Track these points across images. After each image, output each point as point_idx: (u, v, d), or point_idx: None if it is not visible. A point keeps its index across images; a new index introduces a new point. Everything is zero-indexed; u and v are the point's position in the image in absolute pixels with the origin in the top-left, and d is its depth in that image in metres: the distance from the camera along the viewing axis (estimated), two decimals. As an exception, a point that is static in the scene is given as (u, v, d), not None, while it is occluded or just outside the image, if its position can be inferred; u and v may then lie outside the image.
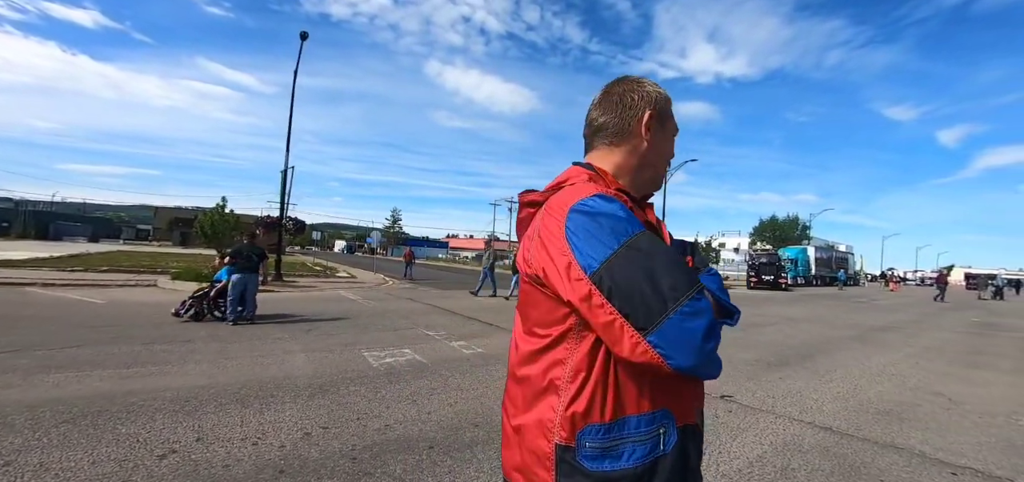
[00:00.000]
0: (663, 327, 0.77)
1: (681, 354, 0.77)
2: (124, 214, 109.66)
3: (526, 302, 0.96)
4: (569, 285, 0.83)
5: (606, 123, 1.04)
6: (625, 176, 1.03)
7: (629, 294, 0.79)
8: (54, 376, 4.55)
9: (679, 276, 0.81)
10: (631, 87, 1.05)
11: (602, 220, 0.84)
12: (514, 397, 0.96)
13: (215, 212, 15.14)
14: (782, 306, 17.19)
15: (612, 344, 0.81)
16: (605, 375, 0.85)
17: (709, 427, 4.01)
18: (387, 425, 3.68)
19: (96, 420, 3.51)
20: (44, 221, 55.30)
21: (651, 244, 0.84)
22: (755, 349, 7.88)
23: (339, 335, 7.37)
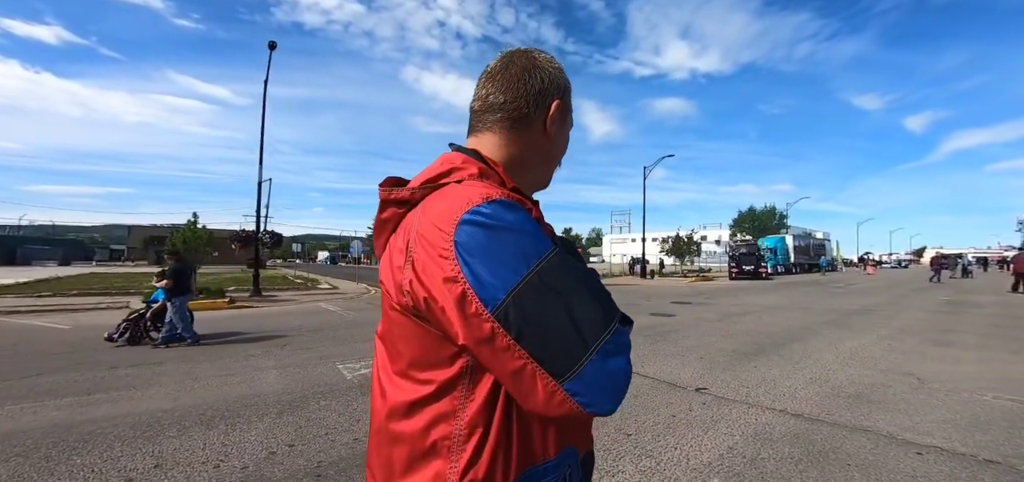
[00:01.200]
0: (583, 371, 0.63)
1: (604, 399, 0.65)
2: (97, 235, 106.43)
3: (398, 336, 0.75)
4: (463, 322, 0.64)
5: (504, 103, 0.84)
6: (519, 172, 0.85)
7: (544, 334, 0.63)
8: (8, 408, 4.35)
9: (599, 307, 0.67)
10: (537, 67, 0.86)
11: (505, 236, 0.65)
12: (386, 460, 0.76)
13: (187, 228, 14.76)
14: (761, 295, 17.49)
15: (522, 396, 0.66)
16: (507, 427, 0.70)
17: (684, 421, 4.03)
18: (356, 439, 3.61)
19: (50, 452, 3.36)
20: (10, 245, 53.40)
21: (566, 268, 0.68)
22: (733, 339, 7.98)
23: (315, 348, 7.23)
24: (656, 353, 6.80)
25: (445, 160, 0.81)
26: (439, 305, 0.66)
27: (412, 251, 0.70)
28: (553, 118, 0.85)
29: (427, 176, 0.79)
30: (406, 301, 0.71)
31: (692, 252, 38.85)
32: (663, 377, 5.47)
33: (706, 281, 28.59)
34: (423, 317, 0.70)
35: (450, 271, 0.65)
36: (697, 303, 14.61)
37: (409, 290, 0.70)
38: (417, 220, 0.72)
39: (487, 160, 0.81)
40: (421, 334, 0.71)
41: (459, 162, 0.79)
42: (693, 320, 10.57)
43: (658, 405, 4.45)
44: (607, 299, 0.70)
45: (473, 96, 0.89)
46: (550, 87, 0.85)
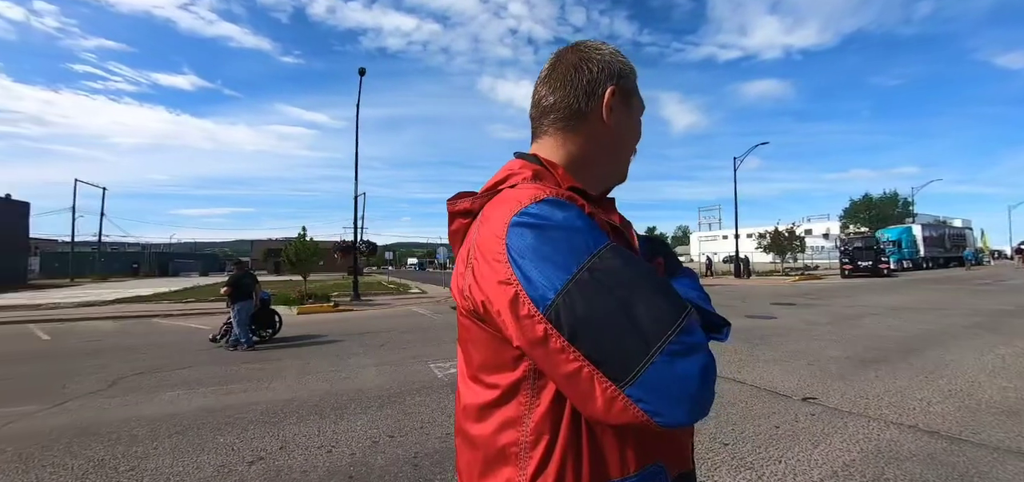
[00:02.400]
0: (646, 375, 0.58)
1: (673, 407, 0.58)
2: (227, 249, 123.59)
3: (467, 340, 0.76)
4: (517, 324, 0.62)
5: (556, 103, 0.81)
6: (580, 170, 0.81)
7: (599, 334, 0.59)
8: (169, 394, 5.23)
9: (662, 302, 0.61)
10: (587, 56, 0.81)
11: (554, 234, 0.63)
12: (466, 462, 0.75)
13: (298, 241, 16.56)
14: (882, 294, 15.39)
15: (580, 402, 0.62)
16: (576, 435, 0.66)
17: (789, 432, 3.71)
18: (448, 433, 3.81)
19: (200, 431, 3.99)
20: (164, 260, 63.69)
21: (622, 261, 0.63)
22: (846, 344, 7.13)
23: (408, 349, 7.73)
24: (754, 358, 6.31)
25: (505, 168, 0.81)
26: (495, 308, 0.65)
27: (472, 258, 0.70)
28: (609, 106, 0.80)
29: (487, 185, 0.79)
30: (469, 306, 0.71)
31: (794, 248, 35.06)
32: (763, 384, 5.06)
33: (812, 279, 25.80)
34: (483, 320, 0.69)
35: (503, 274, 0.64)
36: (802, 304, 13.26)
37: (470, 295, 0.70)
38: (475, 228, 0.74)
39: (545, 162, 0.80)
40: (486, 338, 0.71)
41: (516, 168, 0.79)
42: (798, 323, 9.62)
43: (758, 414, 4.13)
44: (672, 293, 0.64)
45: (531, 103, 0.87)
46: (601, 75, 0.80)
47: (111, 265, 51.08)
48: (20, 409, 4.74)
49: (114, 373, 6.34)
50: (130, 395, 5.23)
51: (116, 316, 13.83)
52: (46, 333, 10.77)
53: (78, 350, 8.53)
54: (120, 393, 5.34)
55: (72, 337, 10.23)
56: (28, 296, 21.72)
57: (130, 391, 5.40)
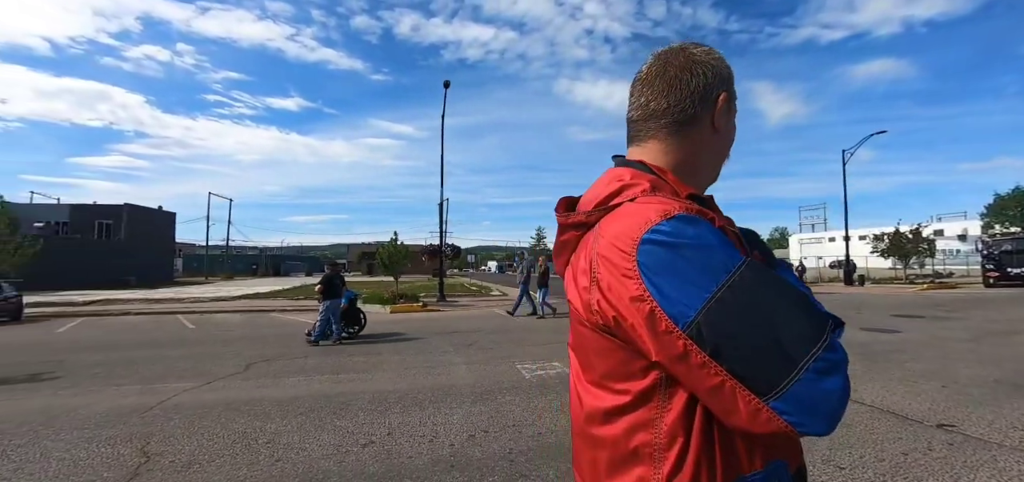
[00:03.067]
0: (792, 390, 0.61)
1: (816, 420, 0.61)
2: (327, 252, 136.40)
3: (589, 349, 0.77)
4: (655, 340, 0.64)
5: (668, 107, 0.80)
6: (689, 174, 0.81)
7: (742, 351, 0.62)
8: (292, 379, 5.94)
9: (805, 321, 0.63)
10: (697, 62, 0.81)
11: (689, 254, 0.65)
12: (591, 462, 0.79)
13: (390, 245, 17.82)
14: (1043, 310, 12.91)
15: (722, 413, 0.65)
16: (709, 436, 0.69)
17: (920, 462, 3.31)
18: (540, 433, 3.91)
19: (321, 414, 4.49)
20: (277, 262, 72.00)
21: (760, 279, 0.65)
22: (993, 365, 6.12)
23: (494, 349, 8.00)
24: (872, 376, 5.66)
25: (613, 177, 0.80)
26: (628, 323, 0.67)
27: (595, 272, 0.71)
28: (721, 111, 0.81)
29: (599, 197, 0.79)
30: (596, 319, 0.72)
31: (921, 251, 30.32)
32: (886, 406, 4.54)
33: (944, 288, 22.33)
34: (614, 334, 0.71)
35: (636, 291, 0.65)
36: (932, 317, 11.56)
37: (598, 309, 0.71)
38: (595, 241, 0.73)
39: (655, 169, 0.80)
40: (613, 348, 0.72)
41: (628, 178, 0.77)
42: (927, 338, 8.43)
43: (881, 439, 3.72)
44: (813, 309, 0.65)
45: (629, 106, 0.85)
46: (714, 81, 0.81)
47: (235, 265, 58.77)
48: (183, 385, 5.68)
49: (246, 359, 7.32)
50: (261, 379, 6.02)
51: (242, 310, 15.89)
52: (191, 323, 12.68)
53: (216, 338, 9.96)
54: (253, 376, 6.16)
55: (211, 326, 11.94)
56: (174, 291, 25.71)
57: (260, 376, 6.21)
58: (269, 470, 3.29)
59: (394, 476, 3.17)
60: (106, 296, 20.73)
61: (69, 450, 3.67)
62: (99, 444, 3.79)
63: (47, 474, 3.26)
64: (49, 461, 3.47)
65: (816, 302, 0.70)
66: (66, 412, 4.64)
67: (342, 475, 3.20)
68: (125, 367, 6.81)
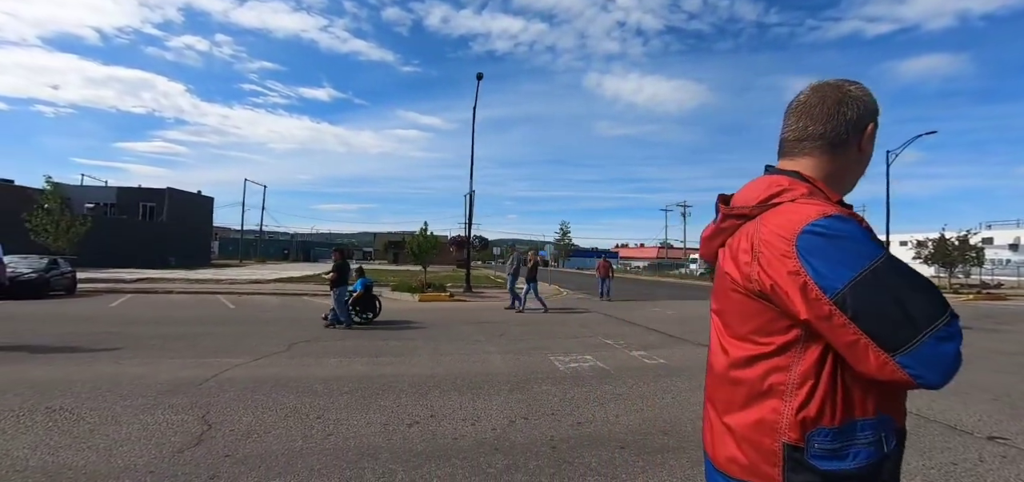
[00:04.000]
0: (915, 350, 0.79)
1: (932, 374, 0.80)
2: (354, 240, 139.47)
3: (738, 312, 0.98)
4: (806, 304, 0.84)
5: (824, 133, 1.00)
6: (837, 185, 1.01)
7: (878, 317, 0.80)
8: (333, 360, 6.17)
9: (932, 301, 0.82)
10: (851, 98, 1.00)
11: (841, 243, 0.84)
12: (727, 397, 0.99)
13: (421, 235, 18.12)
14: (1103, 326, 12.16)
15: (855, 361, 0.84)
16: (833, 382, 0.88)
17: (970, 472, 3.24)
18: (578, 422, 3.98)
19: (365, 393, 4.67)
20: (307, 248, 74.12)
21: (896, 267, 0.84)
22: (1051, 381, 5.85)
23: (526, 340, 8.09)
24: (919, 384, 5.49)
25: (773, 182, 0.99)
26: (783, 290, 0.87)
27: (758, 252, 0.91)
28: (868, 139, 1.02)
29: (760, 197, 0.98)
30: (754, 287, 0.92)
31: (969, 259, 28.77)
32: (932, 415, 4.42)
33: (994, 300, 21.25)
34: (768, 299, 0.91)
35: (793, 267, 0.85)
36: (980, 328, 11.06)
37: (757, 279, 0.91)
38: (758, 229, 0.93)
39: (809, 179, 0.98)
40: (763, 310, 0.93)
41: (787, 184, 0.97)
42: (976, 350, 8.08)
43: (928, 447, 3.64)
44: (937, 294, 0.83)
45: (785, 127, 1.06)
46: (864, 114, 1.00)
47: (268, 250, 60.69)
48: (233, 360, 5.98)
49: (288, 338, 7.63)
50: (304, 358, 6.28)
51: (278, 293, 16.47)
52: (231, 303, 13.23)
53: (256, 318, 10.38)
54: (297, 356, 6.43)
55: (249, 307, 12.44)
56: (213, 273, 26.80)
57: (303, 355, 6.47)
58: (323, 443, 3.46)
59: (441, 455, 3.29)
60: (150, 275, 21.80)
61: (137, 415, 3.94)
62: (164, 411, 4.05)
63: (120, 436, 3.51)
64: (120, 425, 3.73)
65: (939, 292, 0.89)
66: (131, 380, 4.96)
67: (392, 451, 3.34)
68: (177, 341, 7.20)
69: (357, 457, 3.23)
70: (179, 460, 3.13)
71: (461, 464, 3.15)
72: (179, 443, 3.40)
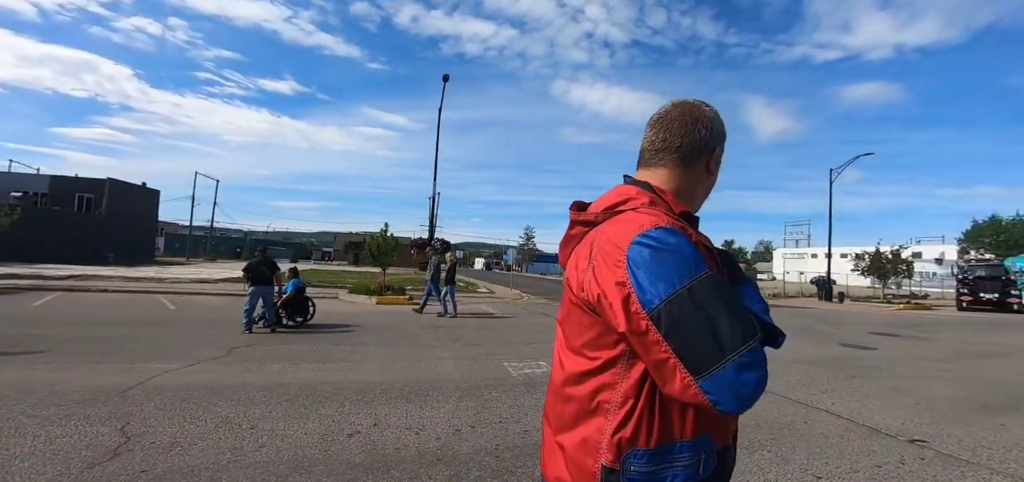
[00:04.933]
0: (717, 375, 0.77)
1: (730, 401, 0.78)
2: (313, 239, 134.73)
3: (575, 323, 0.97)
4: (625, 317, 0.82)
5: (679, 146, 1.02)
6: (686, 199, 1.03)
7: (687, 337, 0.78)
8: (276, 366, 5.87)
9: (739, 325, 0.80)
10: (706, 116, 1.04)
11: (666, 256, 0.82)
12: (560, 414, 0.98)
13: (380, 236, 17.67)
14: (1012, 333, 13.34)
15: (661, 382, 0.82)
16: (651, 404, 0.86)
17: (892, 475, 3.42)
18: (526, 430, 3.94)
19: (306, 402, 4.46)
20: (263, 246, 70.96)
21: (714, 288, 0.82)
22: (964, 385, 6.33)
23: (481, 346, 8.01)
24: (850, 390, 5.81)
25: (621, 191, 1.01)
26: (608, 300, 0.85)
27: (594, 259, 0.90)
28: (715, 161, 1.06)
29: (607, 204, 0.99)
30: (584, 296, 0.91)
31: (899, 272, 31.07)
32: (860, 420, 4.66)
33: (921, 309, 22.93)
34: (595, 310, 0.90)
35: (620, 277, 0.84)
36: (908, 336, 11.88)
37: (587, 288, 0.90)
38: (598, 237, 0.93)
39: (657, 190, 1.00)
40: (593, 323, 0.92)
41: (634, 193, 0.99)
42: (902, 356, 8.66)
43: (856, 451, 3.83)
44: (747, 318, 0.82)
45: (645, 138, 1.07)
46: (715, 135, 1.04)
47: (219, 248, 57.74)
48: (163, 366, 5.58)
49: (229, 343, 7.22)
50: (244, 363, 5.95)
51: (225, 293, 15.64)
52: (172, 304, 12.45)
53: (198, 320, 9.79)
54: (236, 361, 6.09)
55: (192, 308, 11.74)
56: (156, 271, 25.19)
57: (243, 360, 6.13)
58: (253, 456, 3.26)
59: (379, 467, 3.17)
60: (83, 272, 20.22)
61: (45, 426, 3.59)
62: (77, 421, 3.71)
63: (22, 450, 3.19)
64: (24, 437, 3.39)
65: (760, 312, 0.91)
66: (42, 387, 4.53)
67: (327, 463, 3.18)
68: (104, 345, 6.67)
69: (289, 471, 3.06)
70: (87, 477, 2.87)
71: (400, 476, 3.04)
72: (90, 458, 3.12)
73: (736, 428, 1.01)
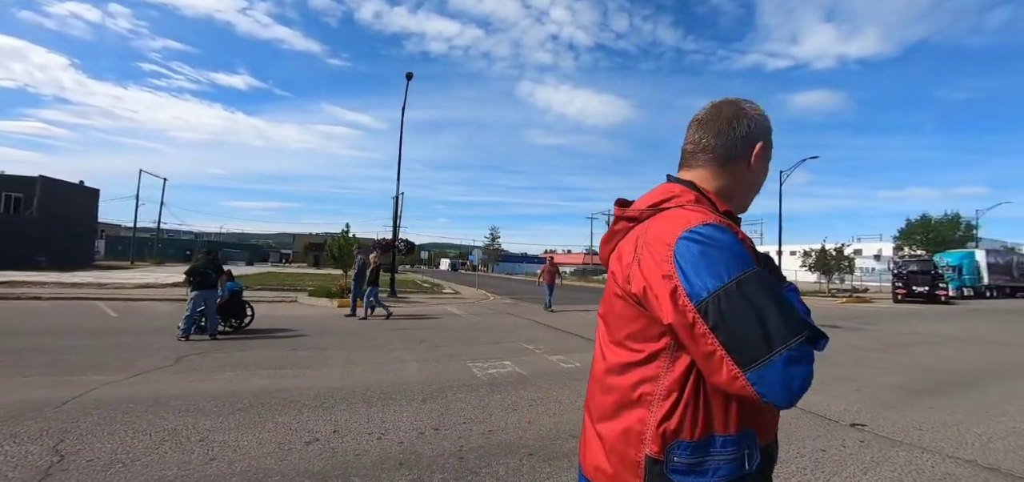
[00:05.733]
0: (765, 368, 0.78)
1: (777, 395, 0.79)
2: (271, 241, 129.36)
3: (619, 315, 0.98)
4: (673, 309, 0.83)
5: (715, 146, 1.03)
6: (729, 199, 1.03)
7: (735, 330, 0.79)
8: (229, 374, 5.61)
9: (787, 320, 0.80)
10: (744, 114, 1.04)
11: (714, 252, 0.84)
12: (600, 404, 0.99)
13: (341, 237, 17.19)
14: (939, 323, 14.49)
15: (709, 373, 0.83)
16: (696, 396, 0.88)
17: (835, 458, 3.63)
18: (490, 430, 3.94)
19: (261, 410, 4.28)
20: (216, 248, 67.41)
21: (761, 283, 0.83)
22: (899, 372, 6.81)
23: (446, 347, 7.94)
24: (798, 380, 6.13)
25: (666, 189, 1.03)
26: (654, 293, 0.87)
27: (639, 253, 0.92)
28: (757, 156, 1.04)
29: (652, 201, 1.01)
30: (629, 288, 0.93)
31: (842, 268, 33.21)
32: (808, 407, 4.93)
33: (861, 302, 24.53)
34: (641, 303, 0.91)
35: (667, 271, 0.85)
36: (849, 328, 12.68)
37: (634, 280, 0.91)
38: (644, 232, 0.95)
39: (701, 190, 1.02)
40: (638, 315, 0.93)
41: (678, 191, 1.01)
42: (844, 346, 9.24)
43: (803, 436, 4.05)
44: (795, 315, 0.83)
45: (685, 139, 1.09)
46: (755, 131, 1.04)
47: (167, 251, 54.50)
48: (103, 378, 5.22)
49: (178, 351, 6.84)
50: (194, 372, 5.65)
51: (174, 299, 14.79)
52: (113, 311, 11.66)
53: (143, 328, 9.21)
54: (185, 370, 5.77)
55: (136, 315, 11.03)
56: (95, 276, 23.50)
57: (193, 369, 5.82)
58: (203, 470, 3.10)
59: (340, 474, 3.08)
60: (12, 278, 18.62)
61: (-36, 448, 3.28)
62: (2, 440, 3.41)
63: (-64, 474, 2.90)
64: (-61, 460, 3.09)
65: (804, 313, 0.90)
66: (-39, 405, 4.14)
67: (284, 473, 3.07)
68: (36, 356, 6.16)
69: (242, 483, 2.93)
70: (13, 501, 2.64)
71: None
72: (19, 479, 2.87)
73: (777, 425, 1.01)
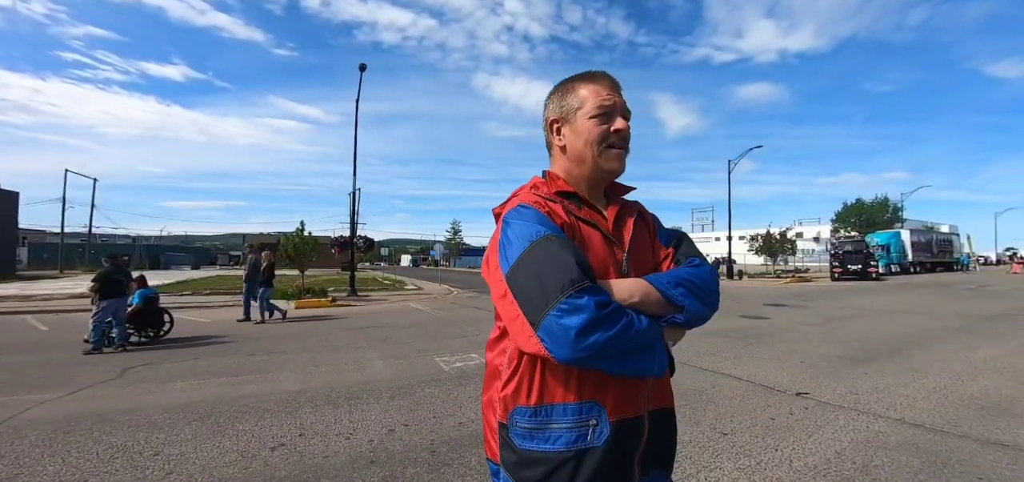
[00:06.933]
0: (544, 323, 0.83)
1: (559, 348, 0.83)
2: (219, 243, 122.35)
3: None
4: (496, 284, 0.95)
5: (545, 138, 1.17)
6: (569, 176, 1.11)
7: (526, 292, 0.86)
8: (181, 384, 5.32)
9: (562, 275, 0.84)
10: (545, 102, 1.17)
11: (517, 226, 0.94)
12: (485, 377, 1.12)
13: (296, 235, 16.56)
14: (871, 297, 15.76)
15: (514, 336, 0.91)
16: (532, 364, 0.95)
17: (784, 424, 3.91)
18: (461, 422, 3.96)
19: (219, 419, 4.10)
20: (156, 253, 62.94)
21: (548, 246, 0.89)
22: (837, 344, 7.39)
23: (412, 343, 7.86)
24: (749, 356, 6.53)
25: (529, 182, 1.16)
26: (494, 274, 0.98)
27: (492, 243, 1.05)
28: (553, 130, 1.13)
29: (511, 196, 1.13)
30: (487, 276, 1.04)
31: (786, 250, 35.43)
32: (758, 380, 5.27)
33: (803, 282, 26.25)
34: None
35: (495, 250, 0.99)
36: (793, 305, 13.56)
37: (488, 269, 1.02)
38: None
39: (547, 175, 1.15)
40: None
41: (531, 182, 1.15)
42: (790, 323, 9.89)
43: (755, 407, 4.33)
44: (570, 270, 0.85)
45: None
46: (546, 111, 1.16)
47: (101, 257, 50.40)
48: (34, 397, 4.82)
49: (120, 363, 6.41)
50: (141, 385, 5.32)
51: (113, 308, 13.75)
52: (43, 324, 10.75)
53: (79, 341, 8.52)
54: (131, 383, 5.42)
55: (70, 328, 10.21)
56: (18, 287, 21.49)
57: (140, 381, 5.48)
58: (159, 483, 2.95)
59: (309, 477, 3.02)
60: (-84, 294, 16.71)
61: None
62: (-78, 472, 3.11)
63: None
64: None
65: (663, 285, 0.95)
66: None
67: (249, 481, 2.97)
68: (-48, 379, 5.60)
69: (204, 494, 2.81)
70: (-59, 534, 2.42)
71: (331, 484, 2.93)
72: (-56, 512, 2.63)
73: (657, 408, 1.04)
